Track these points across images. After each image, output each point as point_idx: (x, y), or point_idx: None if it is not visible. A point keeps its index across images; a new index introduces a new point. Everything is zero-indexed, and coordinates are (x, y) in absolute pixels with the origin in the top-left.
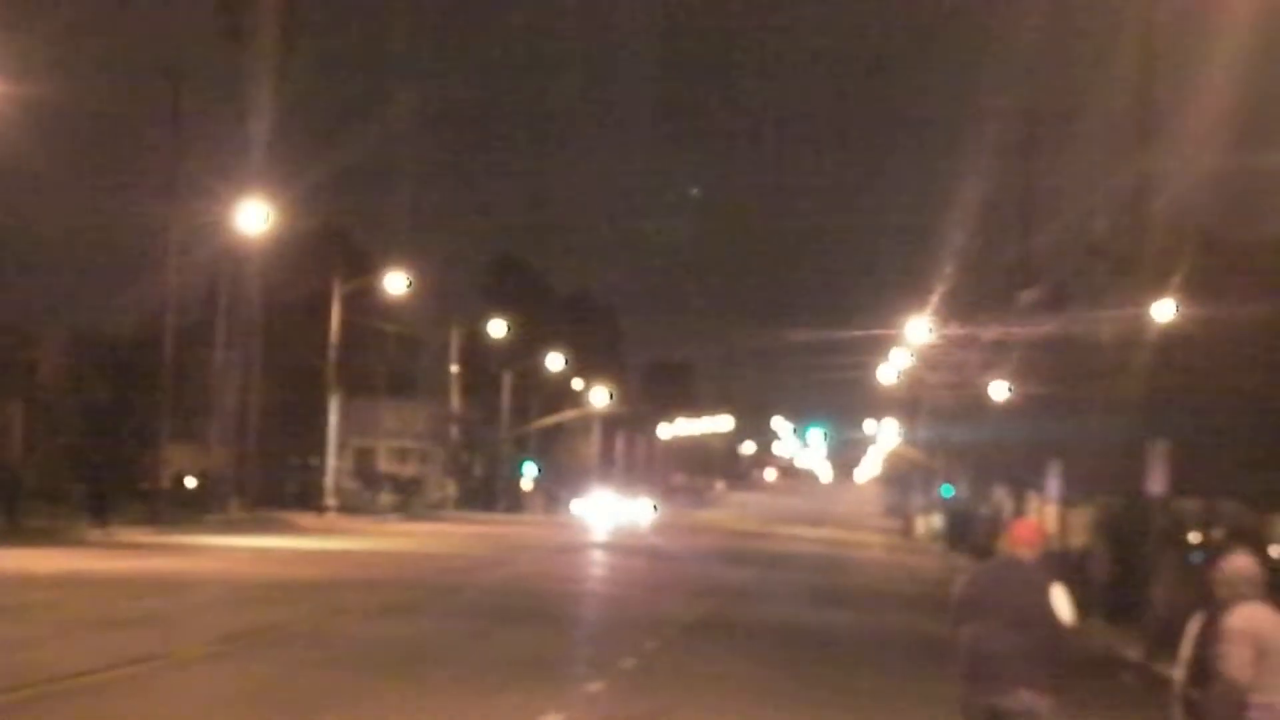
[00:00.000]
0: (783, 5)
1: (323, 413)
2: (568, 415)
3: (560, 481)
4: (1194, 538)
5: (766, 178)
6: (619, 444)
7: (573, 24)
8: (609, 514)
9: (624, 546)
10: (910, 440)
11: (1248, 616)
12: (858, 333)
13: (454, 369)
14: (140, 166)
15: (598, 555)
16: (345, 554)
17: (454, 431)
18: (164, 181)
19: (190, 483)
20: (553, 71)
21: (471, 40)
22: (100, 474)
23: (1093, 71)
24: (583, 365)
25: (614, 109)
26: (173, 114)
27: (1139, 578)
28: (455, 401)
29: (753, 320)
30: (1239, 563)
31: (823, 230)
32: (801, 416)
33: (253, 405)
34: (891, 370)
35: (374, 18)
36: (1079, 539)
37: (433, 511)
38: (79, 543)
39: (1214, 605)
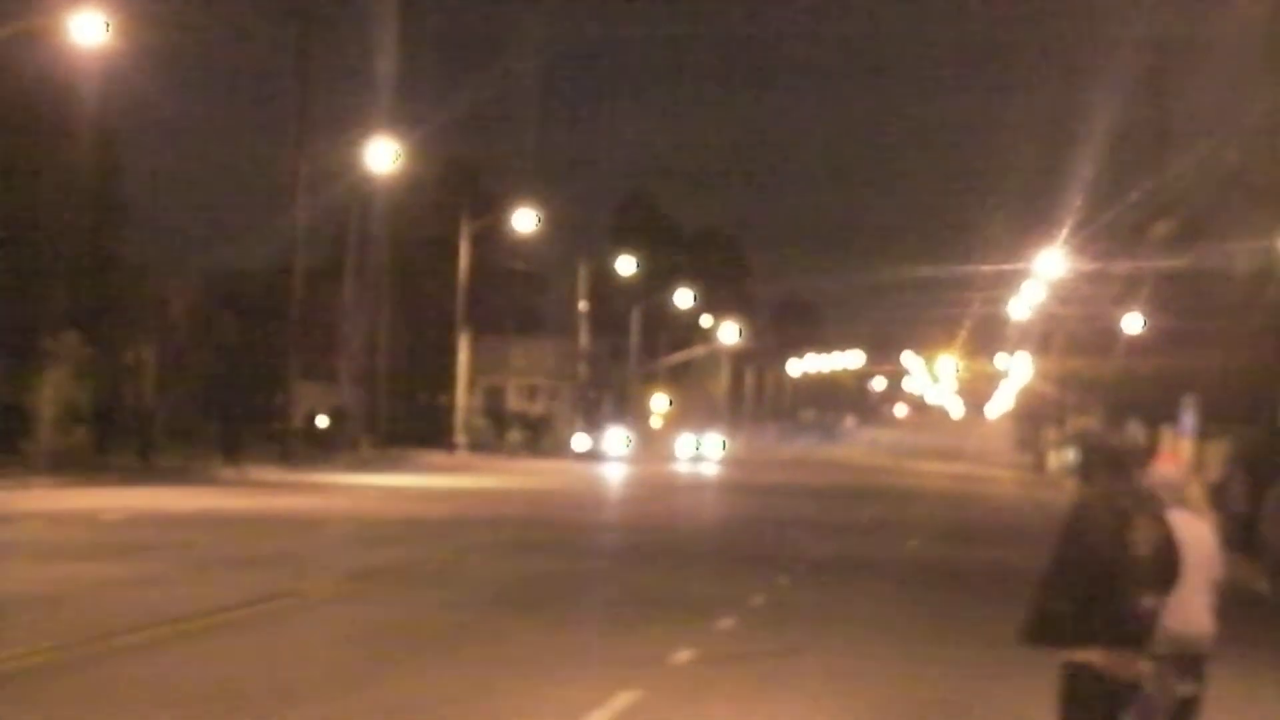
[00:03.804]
0: None
1: (451, 351)
2: (696, 352)
3: (685, 419)
4: None
5: (894, 110)
6: (748, 380)
7: None
8: (620, 451)
9: (754, 484)
10: (1042, 375)
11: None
12: (988, 267)
13: (582, 306)
14: (269, 108)
15: (729, 493)
16: (475, 492)
17: (582, 369)
18: (292, 122)
19: (321, 421)
20: (676, 8)
21: None
22: (232, 413)
23: None
24: (711, 302)
25: (736, 43)
26: (299, 54)
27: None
28: (583, 339)
29: (882, 255)
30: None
31: (951, 163)
32: (932, 351)
33: (382, 344)
34: (1023, 305)
35: None
36: (1215, 472)
37: (561, 449)
38: (212, 481)
39: None
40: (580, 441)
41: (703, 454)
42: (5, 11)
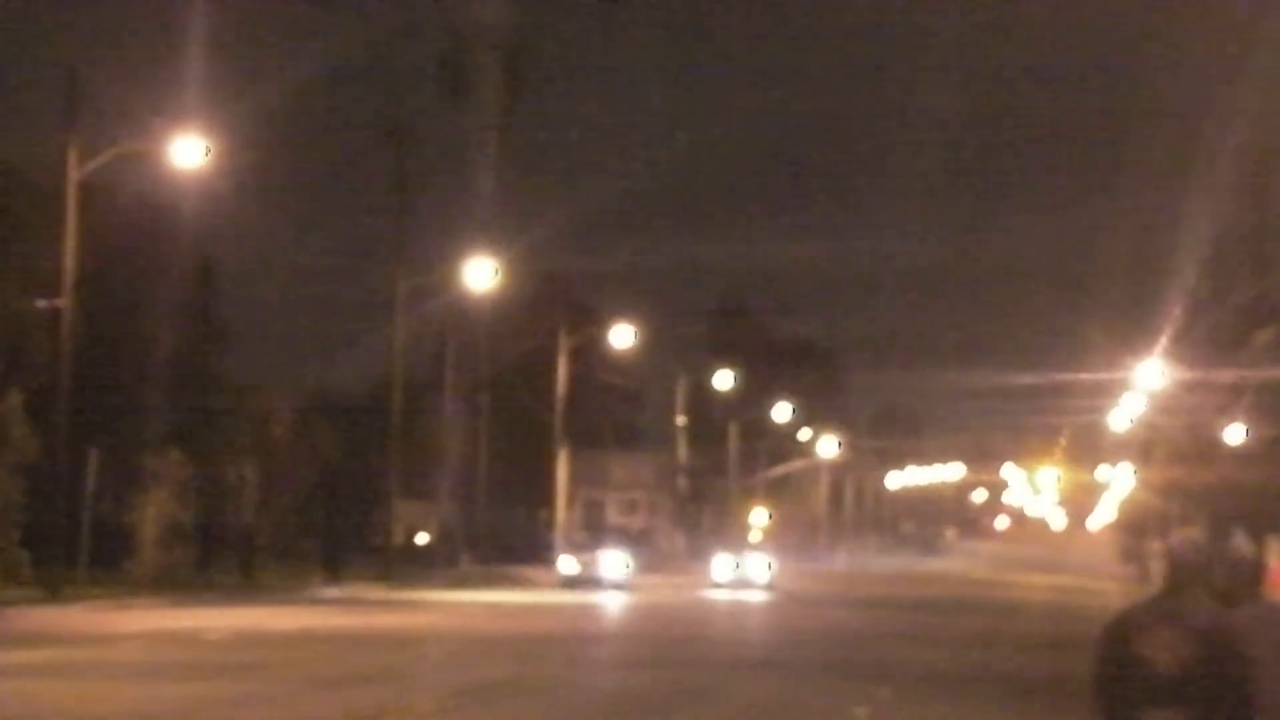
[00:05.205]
0: (1023, 47)
1: (550, 466)
2: (796, 465)
3: (788, 533)
4: None
5: (992, 220)
6: (847, 493)
7: (794, 84)
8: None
9: (860, 596)
10: (1145, 485)
11: None
12: (1088, 376)
13: (680, 420)
14: (367, 225)
15: (829, 607)
16: (577, 607)
17: (681, 482)
18: (390, 239)
19: (421, 538)
20: (775, 126)
21: (700, 95)
22: (332, 531)
23: None
24: (809, 414)
25: (831, 158)
26: (397, 172)
27: None
28: (682, 452)
29: (981, 365)
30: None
31: (1049, 271)
32: (1032, 463)
33: (481, 460)
34: (1124, 414)
35: (598, 72)
36: None
37: (663, 563)
38: (313, 599)
39: None
40: (566, 564)
41: (745, 578)
42: (107, 135)
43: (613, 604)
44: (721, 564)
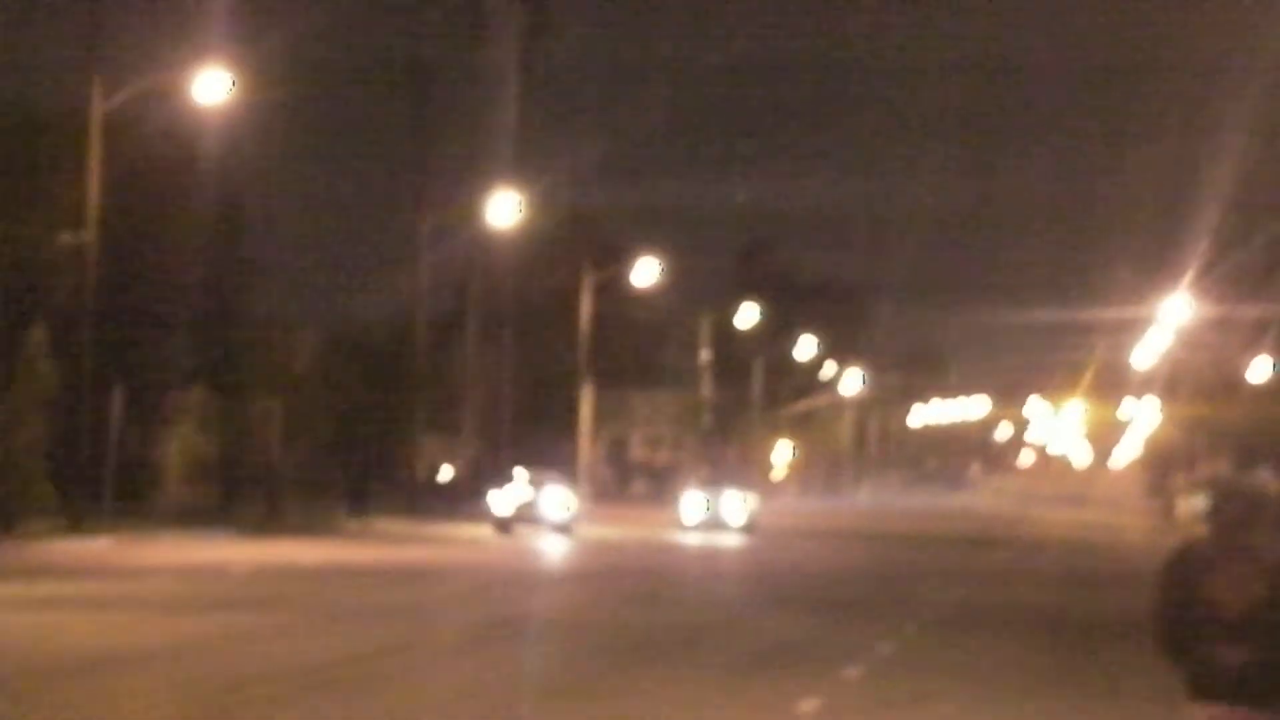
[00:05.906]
0: None
1: (574, 402)
2: (819, 401)
3: (812, 469)
4: None
5: (1018, 154)
6: (872, 429)
7: (818, 21)
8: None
9: (882, 532)
10: (1170, 421)
11: None
12: (1114, 312)
13: (705, 356)
14: (392, 161)
15: (854, 541)
16: (599, 542)
17: (705, 419)
18: (413, 176)
19: (445, 473)
20: (800, 63)
21: (724, 32)
22: (357, 466)
23: None
24: (833, 350)
25: (856, 92)
26: (419, 108)
27: None
28: (706, 389)
29: (1007, 301)
30: None
31: (1076, 207)
32: (1057, 398)
33: (504, 396)
34: (1149, 350)
35: (625, 7)
36: None
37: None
38: (337, 534)
39: None
40: (500, 502)
41: (718, 519)
42: (131, 70)
43: (644, 536)
44: (691, 503)
